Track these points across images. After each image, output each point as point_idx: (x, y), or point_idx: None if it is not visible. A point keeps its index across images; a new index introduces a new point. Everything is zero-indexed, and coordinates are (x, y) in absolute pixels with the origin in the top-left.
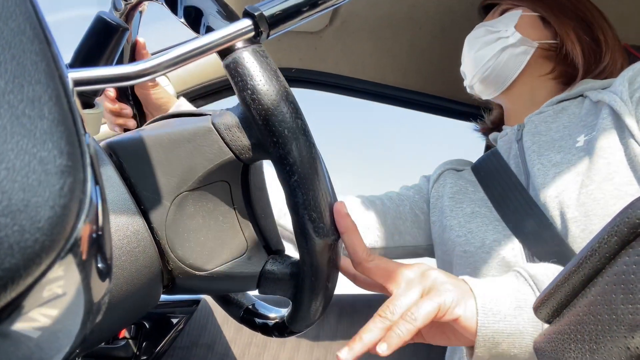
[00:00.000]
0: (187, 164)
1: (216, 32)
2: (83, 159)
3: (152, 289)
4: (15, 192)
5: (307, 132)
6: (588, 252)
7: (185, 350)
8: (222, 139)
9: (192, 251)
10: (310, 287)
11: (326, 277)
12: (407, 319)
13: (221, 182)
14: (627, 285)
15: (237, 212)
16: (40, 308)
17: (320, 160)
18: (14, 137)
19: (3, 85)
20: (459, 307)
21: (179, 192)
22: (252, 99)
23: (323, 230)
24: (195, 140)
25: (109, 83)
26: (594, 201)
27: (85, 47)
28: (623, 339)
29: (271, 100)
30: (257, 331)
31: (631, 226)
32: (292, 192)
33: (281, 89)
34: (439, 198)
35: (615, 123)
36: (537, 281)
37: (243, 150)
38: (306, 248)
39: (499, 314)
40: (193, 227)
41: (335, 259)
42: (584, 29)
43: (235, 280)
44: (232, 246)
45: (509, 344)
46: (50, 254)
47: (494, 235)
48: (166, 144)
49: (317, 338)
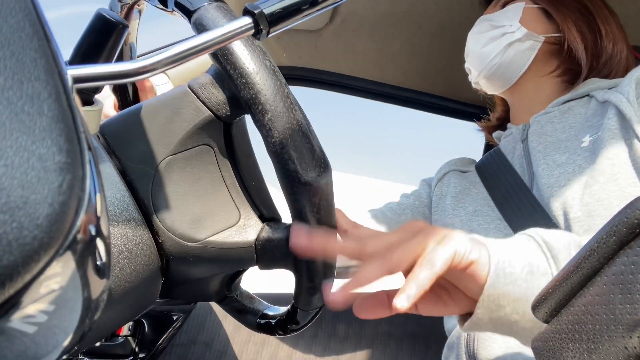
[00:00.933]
0: (167, 129)
1: (216, 29)
2: (82, 156)
3: (151, 286)
4: (14, 189)
5: (276, 71)
6: (587, 252)
7: (184, 347)
8: (198, 99)
9: (181, 220)
10: None
11: (320, 226)
12: (425, 265)
13: (204, 147)
14: (625, 285)
15: (225, 179)
16: (38, 305)
17: (293, 98)
18: (13, 134)
19: (2, 82)
20: (474, 252)
21: (161, 158)
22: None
23: (307, 170)
24: (172, 105)
25: (109, 80)
26: (597, 201)
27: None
28: (621, 338)
29: (237, 44)
30: (275, 334)
31: (630, 226)
32: (268, 132)
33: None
34: (442, 197)
35: (621, 124)
36: (552, 249)
37: (219, 106)
38: (292, 193)
39: (511, 276)
40: (180, 195)
41: (327, 204)
42: (585, 21)
43: (231, 253)
44: (223, 215)
45: (512, 309)
46: (49, 251)
47: (496, 234)
48: (145, 113)
49: (315, 336)
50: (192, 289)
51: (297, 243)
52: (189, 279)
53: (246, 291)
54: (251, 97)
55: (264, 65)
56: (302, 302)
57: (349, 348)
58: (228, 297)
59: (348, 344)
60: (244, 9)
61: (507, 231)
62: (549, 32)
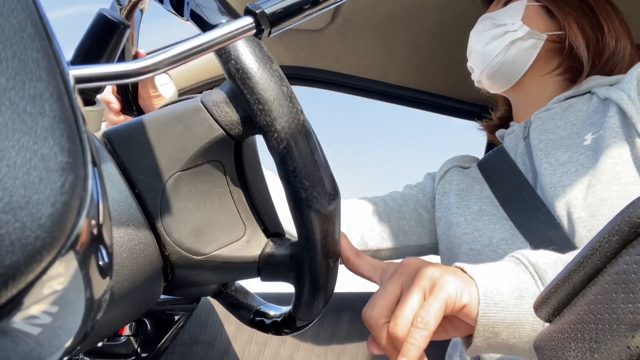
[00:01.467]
0: (178, 144)
1: (218, 29)
2: (84, 156)
3: (153, 286)
4: (16, 189)
5: (293, 98)
6: (589, 251)
7: (186, 347)
8: (211, 116)
9: (188, 234)
10: (310, 263)
11: (325, 252)
12: (420, 326)
13: (214, 162)
14: (627, 285)
15: (232, 194)
16: (41, 305)
17: (308, 126)
18: (15, 134)
19: (4, 82)
20: (465, 296)
21: (171, 173)
22: (236, 69)
23: (317, 199)
24: (185, 120)
25: (111, 80)
26: (600, 201)
27: (86, 44)
28: (623, 338)
29: (255, 69)
30: (268, 332)
31: (632, 225)
32: (282, 160)
33: (264, 57)
34: (445, 194)
35: (622, 122)
36: (538, 270)
37: (232, 126)
38: (301, 220)
39: (501, 304)
40: (188, 209)
41: (334, 230)
42: (587, 18)
43: (235, 266)
44: (229, 229)
45: (508, 334)
46: (51, 251)
47: (501, 234)
48: (157, 126)
49: (317, 336)
50: (191, 290)
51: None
52: (190, 283)
53: (241, 286)
54: (267, 124)
55: (281, 92)
56: (300, 314)
57: (351, 348)
58: (223, 292)
59: (350, 344)
60: (246, 8)
61: (513, 231)
62: (551, 30)
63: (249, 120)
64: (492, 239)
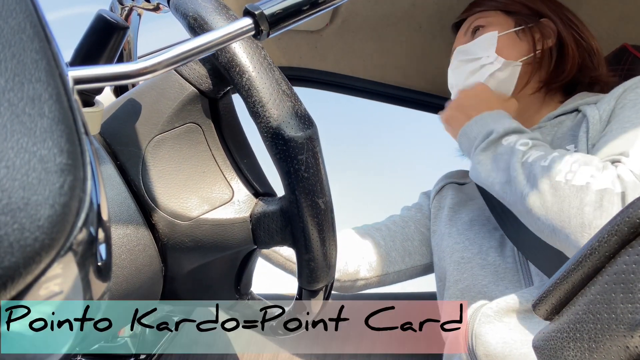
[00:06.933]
0: (153, 109)
1: (217, 30)
2: (83, 157)
3: (152, 287)
4: (15, 190)
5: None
6: (588, 251)
7: (185, 349)
8: (181, 77)
9: (171, 197)
10: (297, 205)
11: (310, 188)
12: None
13: (192, 125)
14: (626, 285)
15: (215, 157)
16: (40, 306)
17: (270, 60)
18: (14, 135)
19: (3, 84)
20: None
21: (149, 138)
22: (194, 18)
23: (289, 125)
24: (157, 86)
25: (110, 81)
26: None
27: (85, 46)
28: (622, 338)
29: (210, 13)
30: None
31: (631, 225)
32: (248, 93)
33: (217, 4)
34: (440, 209)
35: (588, 139)
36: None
37: (202, 80)
38: (276, 150)
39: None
40: (168, 172)
41: (316, 163)
42: (545, 30)
43: (226, 230)
44: (215, 192)
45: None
46: (50, 252)
47: (491, 242)
48: (133, 98)
49: (317, 337)
50: (196, 286)
51: None
52: (189, 270)
53: (257, 295)
54: (228, 60)
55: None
56: (304, 279)
57: (350, 349)
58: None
59: (349, 345)
60: (245, 9)
61: (503, 240)
62: (524, 55)
63: (216, 71)
64: (482, 247)
